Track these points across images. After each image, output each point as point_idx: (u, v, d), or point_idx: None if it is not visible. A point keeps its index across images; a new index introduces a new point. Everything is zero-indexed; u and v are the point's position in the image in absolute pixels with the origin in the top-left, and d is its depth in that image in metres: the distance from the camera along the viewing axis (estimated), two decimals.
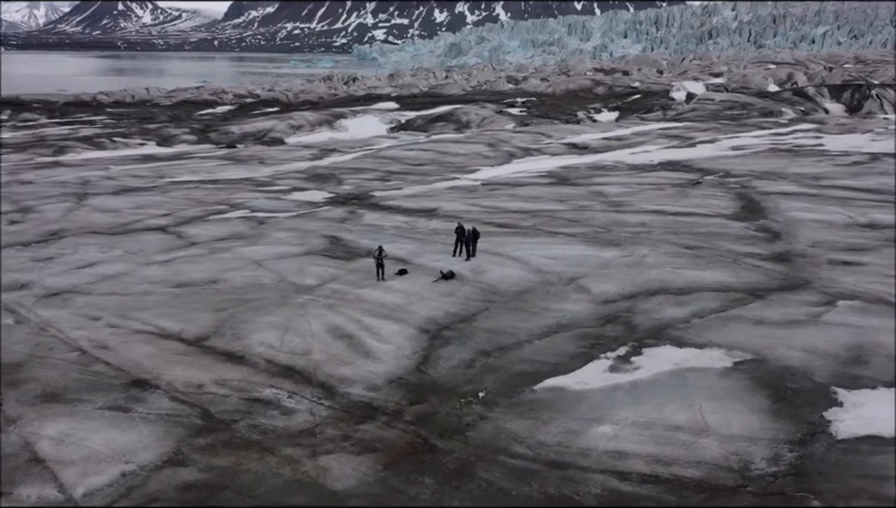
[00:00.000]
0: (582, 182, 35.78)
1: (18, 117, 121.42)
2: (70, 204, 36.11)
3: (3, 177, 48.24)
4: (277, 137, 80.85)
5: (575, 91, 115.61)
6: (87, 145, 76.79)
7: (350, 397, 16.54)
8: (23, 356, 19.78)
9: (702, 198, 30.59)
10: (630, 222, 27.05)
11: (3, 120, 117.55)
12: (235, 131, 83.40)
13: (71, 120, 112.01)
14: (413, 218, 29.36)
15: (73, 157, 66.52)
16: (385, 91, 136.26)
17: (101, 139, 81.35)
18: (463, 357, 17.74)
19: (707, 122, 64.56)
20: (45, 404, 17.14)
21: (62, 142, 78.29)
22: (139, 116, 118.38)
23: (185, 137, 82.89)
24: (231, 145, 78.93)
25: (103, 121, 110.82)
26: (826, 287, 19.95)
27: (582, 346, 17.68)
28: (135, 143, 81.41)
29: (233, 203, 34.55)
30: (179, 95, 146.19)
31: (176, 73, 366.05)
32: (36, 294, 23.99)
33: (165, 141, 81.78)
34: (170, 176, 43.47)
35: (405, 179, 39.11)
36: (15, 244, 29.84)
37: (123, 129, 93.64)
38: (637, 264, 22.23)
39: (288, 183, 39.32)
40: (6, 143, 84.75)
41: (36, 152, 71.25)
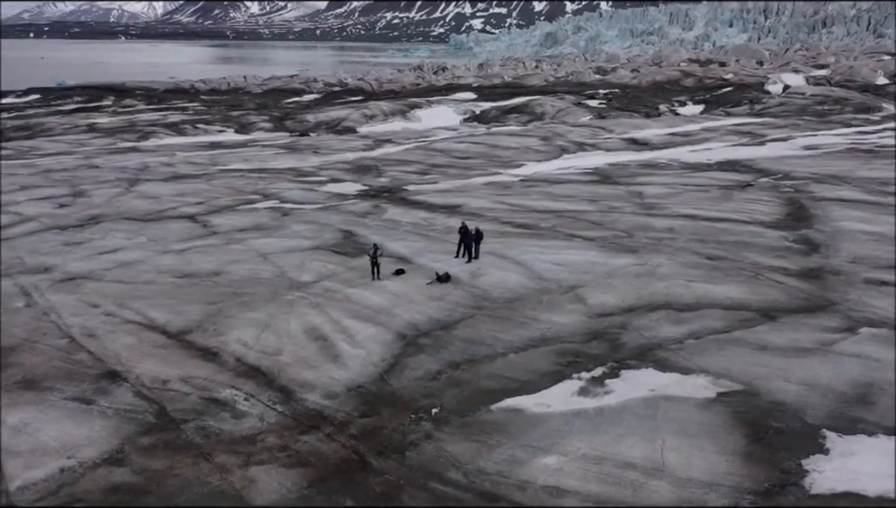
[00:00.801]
0: (625, 181, 33.81)
1: (120, 103, 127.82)
2: (119, 190, 37.21)
3: (77, 161, 50.55)
4: (350, 126, 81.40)
5: (662, 82, 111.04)
6: (170, 131, 79.66)
7: (305, 404, 15.88)
8: (19, 340, 20.17)
9: (745, 202, 28.18)
10: (657, 227, 25.15)
11: (104, 106, 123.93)
12: (311, 120, 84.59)
13: (166, 107, 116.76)
14: (433, 215, 28.45)
15: (153, 142, 69.10)
16: (469, 80, 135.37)
17: (185, 126, 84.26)
18: (430, 367, 16.74)
19: (788, 118, 60.18)
20: (19, 391, 17.31)
21: (149, 128, 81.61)
22: (229, 103, 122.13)
23: (262, 125, 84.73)
24: (305, 133, 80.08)
25: (195, 108, 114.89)
26: (852, 310, 17.71)
27: (558, 364, 16.35)
28: (215, 130, 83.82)
29: (268, 192, 34.64)
30: (271, 84, 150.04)
31: (279, 62, 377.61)
32: (54, 278, 24.59)
33: (243, 128, 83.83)
34: (223, 165, 44.24)
35: (445, 173, 38.18)
36: (55, 227, 30.87)
37: (208, 116, 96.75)
38: (647, 274, 20.52)
39: (330, 174, 39.16)
40: (100, 127, 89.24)
41: (122, 137, 74.58)
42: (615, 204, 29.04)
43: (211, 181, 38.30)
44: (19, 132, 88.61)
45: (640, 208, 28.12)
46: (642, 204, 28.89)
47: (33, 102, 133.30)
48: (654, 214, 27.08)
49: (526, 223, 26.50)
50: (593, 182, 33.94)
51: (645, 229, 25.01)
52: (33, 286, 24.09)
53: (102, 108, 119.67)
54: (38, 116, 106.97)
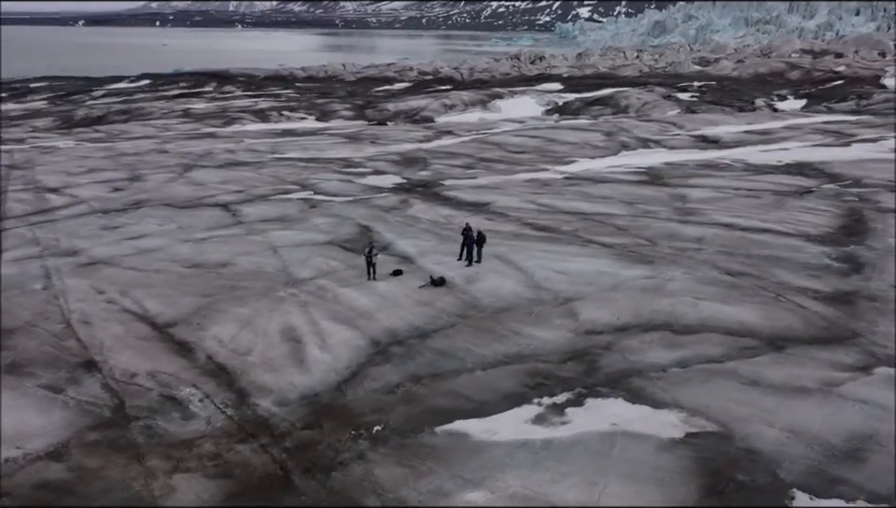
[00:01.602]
0: (674, 182, 31.48)
1: (220, 89, 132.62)
2: (172, 176, 38.13)
3: (152, 146, 52.45)
4: (428, 116, 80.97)
5: (765, 74, 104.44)
6: (255, 118, 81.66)
7: (255, 409, 15.34)
8: (22, 323, 20.66)
9: (797, 211, 25.49)
10: (685, 236, 23.08)
11: (205, 92, 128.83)
12: (390, 109, 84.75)
13: (261, 94, 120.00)
14: (456, 213, 27.36)
15: (233, 129, 70.98)
16: (561, 71, 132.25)
17: (271, 112, 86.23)
18: (391, 380, 15.82)
19: (888, 117, 54.73)
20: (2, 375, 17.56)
21: (236, 114, 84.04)
22: (321, 91, 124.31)
23: (344, 113, 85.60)
24: (382, 122, 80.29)
25: (288, 95, 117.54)
26: (875, 345, 15.43)
27: (524, 385, 15.06)
28: (297, 117, 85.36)
29: (308, 183, 34.52)
30: (366, 72, 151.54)
31: (382, 50, 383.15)
32: (77, 262, 25.21)
33: (325, 116, 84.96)
34: (280, 153, 44.66)
35: (490, 168, 36.88)
36: (99, 211, 31.86)
37: (295, 103, 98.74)
38: (654, 289, 18.73)
39: (376, 165, 38.68)
40: (193, 112, 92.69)
41: (207, 123, 77.12)
42: (651, 207, 26.97)
43: (260, 169, 38.62)
44: (119, 115, 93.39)
45: (677, 214, 25.96)
46: (681, 209, 26.67)
47: (143, 87, 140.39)
48: (689, 221, 24.90)
49: (547, 225, 24.97)
50: (638, 183, 31.79)
51: (672, 237, 22.98)
52: (56, 268, 24.75)
53: (202, 94, 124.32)
54: (143, 100, 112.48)
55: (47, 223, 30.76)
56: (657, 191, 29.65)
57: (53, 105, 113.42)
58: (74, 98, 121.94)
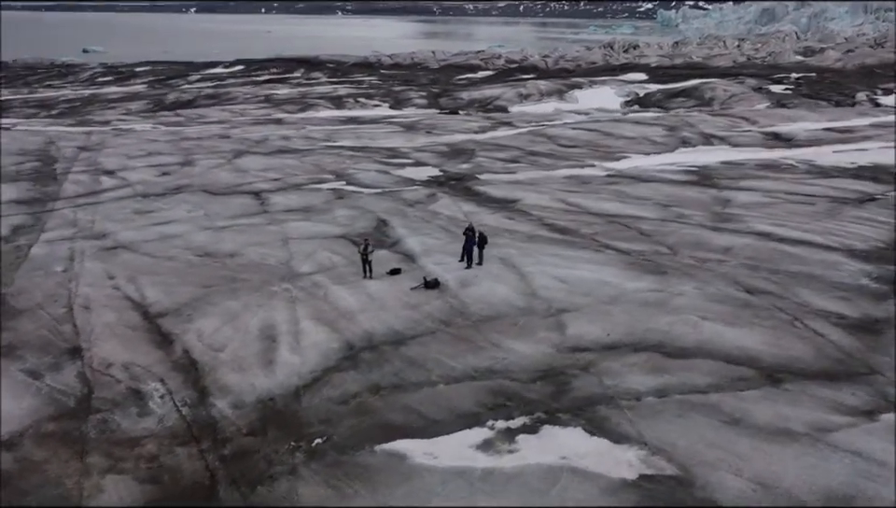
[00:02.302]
0: (724, 183, 29.11)
1: (307, 75, 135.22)
2: (220, 162, 38.65)
3: (218, 131, 53.61)
4: (502, 106, 79.50)
5: (872, 66, 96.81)
6: (330, 104, 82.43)
7: (209, 410, 14.95)
8: (32, 304, 21.12)
9: (850, 222, 22.90)
10: (712, 245, 21.11)
11: (292, 78, 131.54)
12: (464, 97, 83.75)
13: (345, 80, 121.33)
14: (479, 209, 26.24)
15: (306, 114, 71.86)
16: (651, 60, 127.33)
17: (347, 99, 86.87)
18: (350, 388, 15.06)
19: None
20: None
21: (313, 100, 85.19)
22: (404, 78, 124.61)
23: (417, 101, 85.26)
24: (454, 111, 79.44)
25: (370, 82, 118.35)
26: (891, 384, 13.36)
27: (482, 405, 13.95)
28: (372, 104, 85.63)
29: (345, 173, 34.14)
30: (453, 59, 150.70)
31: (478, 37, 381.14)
32: (102, 245, 25.70)
33: (398, 104, 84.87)
34: (333, 141, 44.59)
35: (535, 162, 35.35)
36: (141, 195, 32.55)
37: (373, 90, 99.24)
38: (657, 304, 17.10)
39: (420, 157, 37.88)
40: (274, 98, 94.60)
41: (284, 109, 78.45)
42: (687, 211, 24.93)
43: (305, 158, 38.58)
44: (207, 99, 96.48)
45: (712, 219, 23.86)
46: (718, 214, 24.52)
47: (236, 72, 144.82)
48: (722, 228, 22.81)
49: (567, 227, 23.46)
50: (683, 183, 29.58)
51: (696, 246, 21.07)
52: (80, 251, 25.28)
53: (289, 80, 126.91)
54: (233, 85, 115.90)
55: (90, 205, 31.63)
56: (700, 193, 27.45)
57: (152, 89, 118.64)
58: (171, 82, 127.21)
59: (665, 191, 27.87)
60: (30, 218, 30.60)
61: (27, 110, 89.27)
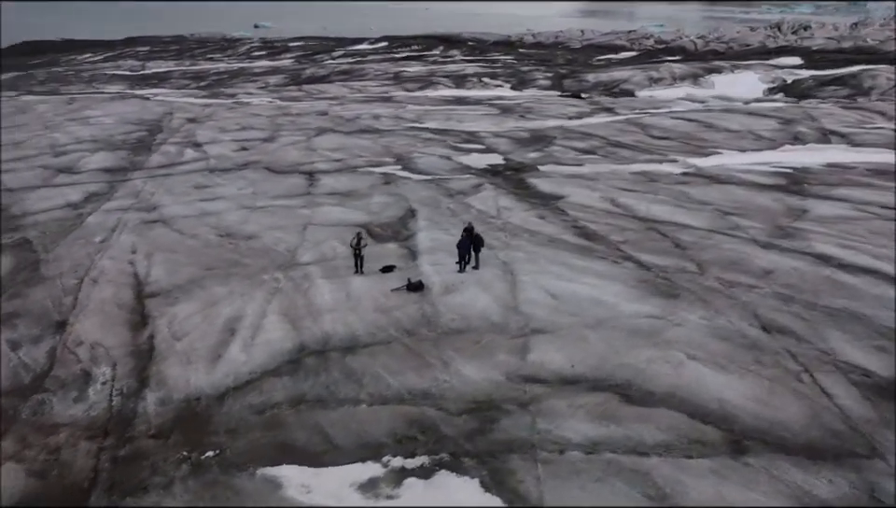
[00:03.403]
0: (813, 191, 24.93)
1: (445, 52, 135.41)
2: (298, 140, 38.86)
3: (321, 107, 54.28)
4: (628, 89, 75.06)
5: None
6: (451, 83, 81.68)
7: (136, 404, 14.59)
8: (55, 273, 21.92)
9: None
10: (752, 266, 17.91)
11: (429, 55, 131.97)
12: (590, 79, 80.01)
13: (478, 59, 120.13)
14: (518, 205, 24.20)
15: (422, 93, 71.43)
16: (816, 42, 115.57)
17: (471, 78, 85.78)
18: (274, 397, 14.08)
19: None
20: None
21: (438, 78, 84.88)
22: (539, 58, 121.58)
23: (541, 82, 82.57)
24: (577, 94, 76.20)
25: (504, 61, 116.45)
26: (889, 473, 10.34)
27: (393, 435, 12.46)
28: (494, 84, 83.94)
29: (409, 156, 33.04)
30: (597, 39, 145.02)
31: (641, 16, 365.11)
32: (146, 218, 26.34)
33: (521, 84, 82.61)
34: (420, 122, 43.62)
35: (612, 154, 32.34)
36: (208, 169, 33.25)
37: (501, 70, 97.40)
38: (647, 334, 14.61)
39: (496, 142, 35.97)
40: (402, 75, 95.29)
41: (404, 86, 78.66)
42: (745, 222, 21.46)
43: (382, 138, 37.86)
44: (340, 75, 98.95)
45: (770, 234, 20.33)
46: (782, 228, 20.88)
47: (378, 48, 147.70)
48: (776, 245, 19.34)
49: (596, 233, 20.93)
50: (765, 187, 25.66)
51: (732, 266, 17.93)
52: (125, 223, 26.02)
53: (425, 57, 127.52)
54: (370, 62, 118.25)
55: (162, 177, 32.67)
56: (775, 201, 23.63)
57: (297, 64, 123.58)
58: (316, 57, 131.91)
59: (736, 196, 24.28)
60: (106, 187, 32.06)
61: (180, 81, 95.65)
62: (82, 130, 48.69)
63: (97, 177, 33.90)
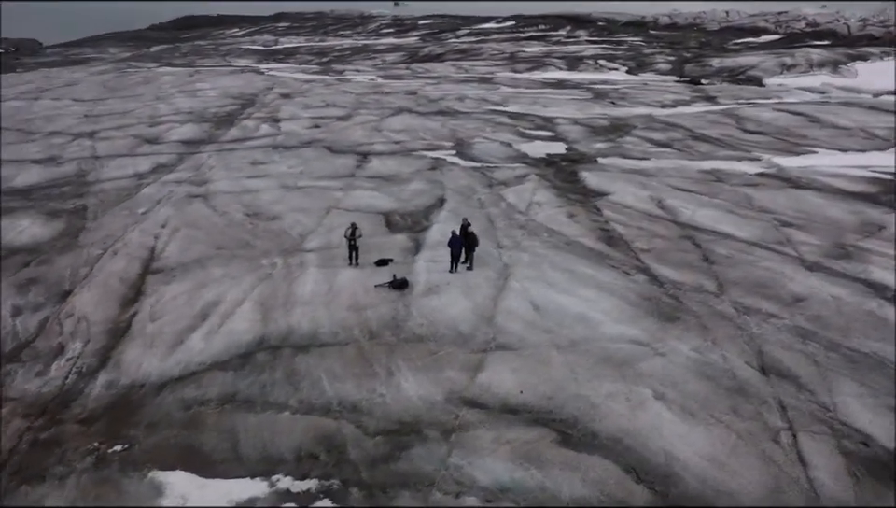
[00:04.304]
0: None
1: (571, 32, 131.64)
2: (371, 119, 38.47)
3: (411, 87, 53.73)
4: (756, 76, 69.34)
5: None
6: (564, 65, 79.05)
7: (86, 385, 14.57)
8: (88, 242, 22.63)
9: None
10: (782, 291, 15.27)
11: (555, 35, 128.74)
12: (714, 64, 74.75)
13: (604, 40, 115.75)
14: (555, 200, 22.33)
15: (530, 74, 69.38)
16: None
17: (587, 61, 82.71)
18: (208, 394, 13.54)
19: None
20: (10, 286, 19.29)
21: (552, 60, 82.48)
22: (670, 40, 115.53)
23: (660, 66, 78.20)
24: (696, 80, 71.51)
25: (630, 43, 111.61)
26: None
27: (297, 451, 11.61)
28: (609, 67, 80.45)
29: (469, 142, 31.68)
30: (739, 21, 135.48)
31: None
32: (193, 193, 26.77)
33: (638, 68, 78.62)
34: (502, 105, 42.01)
35: (687, 149, 29.33)
36: (271, 146, 33.48)
37: (624, 52, 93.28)
38: (620, 363, 12.74)
39: (567, 130, 33.78)
40: (518, 56, 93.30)
41: (514, 67, 76.84)
42: (804, 236, 18.47)
43: (453, 121, 36.66)
44: (455, 54, 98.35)
45: (824, 253, 17.32)
46: (842, 246, 17.73)
47: (504, 28, 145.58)
48: (823, 268, 16.42)
49: (621, 237, 18.78)
50: (847, 195, 22.08)
51: (759, 288, 15.36)
52: (171, 196, 26.51)
53: (549, 37, 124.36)
54: (491, 41, 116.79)
55: (227, 152, 33.20)
56: (850, 213, 20.24)
57: (421, 42, 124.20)
58: (441, 36, 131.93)
59: (806, 204, 21.06)
60: (175, 159, 32.98)
61: (303, 57, 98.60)
62: (185, 102, 50.80)
63: (173, 149, 34.94)
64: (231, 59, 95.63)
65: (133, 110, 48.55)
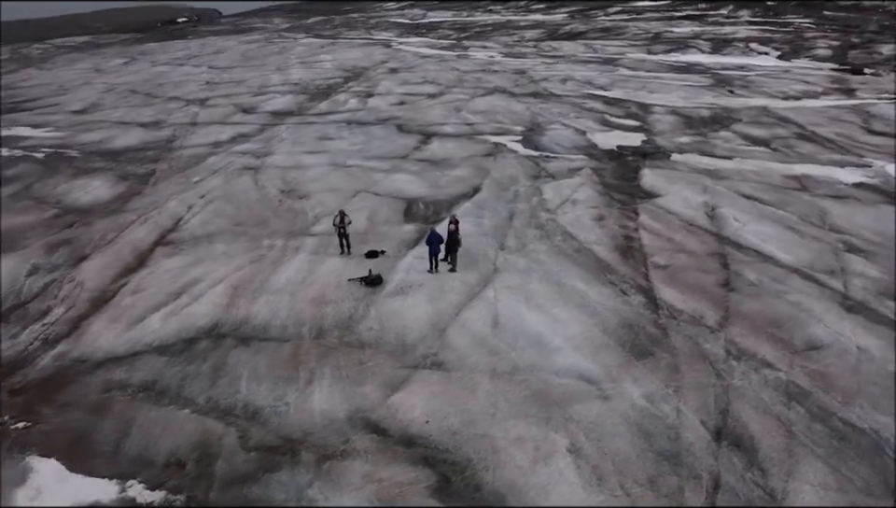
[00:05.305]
0: None
1: (733, 12, 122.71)
2: (457, 98, 37.20)
3: (517, 66, 51.73)
4: None
5: None
6: (709, 47, 73.68)
7: (42, 354, 14.65)
8: (136, 207, 23.26)
9: None
10: (793, 338, 12.45)
11: (713, 15, 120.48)
12: (882, 52, 66.51)
13: (768, 20, 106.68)
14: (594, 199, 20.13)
15: (666, 57, 64.82)
16: None
17: (736, 44, 76.69)
18: (133, 378, 13.24)
19: None
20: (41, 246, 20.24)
21: (697, 42, 77.12)
22: (844, 22, 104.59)
23: (819, 52, 70.43)
24: (858, 70, 63.85)
25: (797, 24, 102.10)
26: None
27: (167, 458, 10.95)
28: (760, 51, 73.89)
29: (543, 127, 29.61)
30: None
31: None
32: (249, 165, 27.01)
33: (792, 53, 71.40)
34: (603, 89, 39.19)
35: (786, 149, 25.47)
36: (345, 121, 33.17)
37: (782, 35, 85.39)
38: (549, 403, 10.97)
39: (657, 120, 30.67)
40: (664, 36, 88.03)
41: (648, 48, 72.36)
42: (860, 267, 15.07)
43: (541, 104, 34.59)
44: (597, 32, 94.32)
45: (877, 291, 14.00)
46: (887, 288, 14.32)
47: (660, 6, 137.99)
48: (867, 309, 13.22)
49: (639, 249, 16.36)
50: None
51: (768, 327, 12.63)
52: (229, 167, 26.84)
53: (706, 17, 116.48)
54: (641, 20, 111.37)
55: (305, 125, 33.26)
56: None
57: (570, 18, 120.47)
58: (591, 13, 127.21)
59: (892, 228, 17.37)
60: (256, 129, 33.49)
61: (443, 32, 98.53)
62: (299, 73, 51.86)
63: (261, 120, 35.51)
64: (374, 32, 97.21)
65: (249, 80, 50.18)
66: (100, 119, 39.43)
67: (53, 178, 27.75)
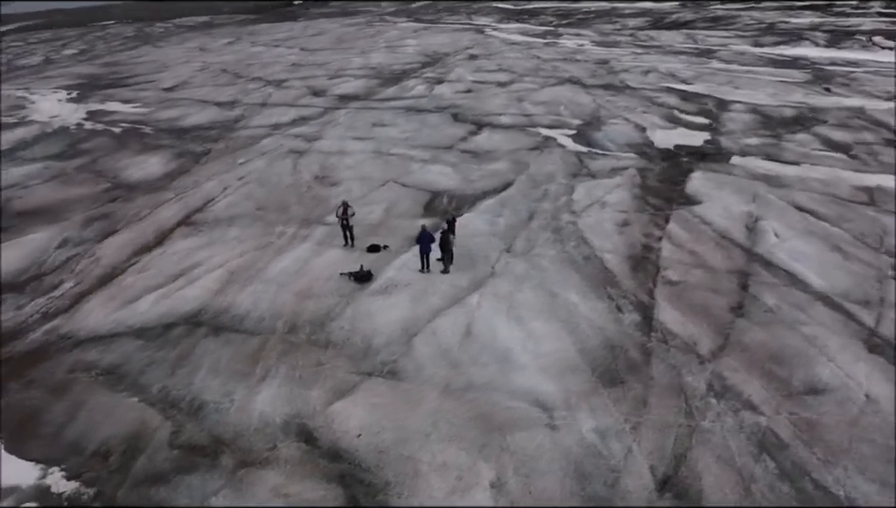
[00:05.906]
0: None
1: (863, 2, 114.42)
2: (531, 88, 36.07)
3: (617, 53, 49.69)
4: None
5: None
6: (825, 40, 68.60)
7: (37, 328, 15.02)
8: (174, 185, 23.79)
9: None
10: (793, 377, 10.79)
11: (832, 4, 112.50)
12: None
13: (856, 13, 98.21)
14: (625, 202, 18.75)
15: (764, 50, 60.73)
16: None
17: (858, 38, 71.06)
18: (103, 360, 13.35)
19: None
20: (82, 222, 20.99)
21: (812, 34, 72.17)
22: None
23: None
24: None
25: None
26: None
27: (90, 451, 10.80)
28: (885, 45, 68.18)
29: (602, 122, 28.05)
30: None
31: None
32: (296, 148, 27.18)
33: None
34: (684, 83, 36.92)
35: (867, 158, 22.69)
36: (404, 108, 32.74)
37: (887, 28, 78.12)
38: (492, 427, 10.09)
39: (733, 119, 28.37)
40: (776, 28, 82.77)
41: (755, 39, 68.14)
42: None
43: (611, 97, 32.88)
44: (706, 21, 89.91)
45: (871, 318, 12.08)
46: None
47: None
48: (883, 346, 11.40)
49: (654, 261, 14.93)
50: None
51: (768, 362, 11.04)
52: (278, 148, 27.05)
53: (831, 7, 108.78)
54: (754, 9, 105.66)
55: (365, 110, 33.09)
56: None
57: (681, 7, 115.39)
58: (703, 2, 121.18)
59: None
60: (317, 113, 33.62)
61: (546, 17, 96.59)
62: (380, 56, 51.87)
63: (326, 103, 35.64)
64: (474, 17, 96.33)
65: (332, 63, 50.63)
66: (185, 96, 40.75)
67: (120, 153, 28.78)
